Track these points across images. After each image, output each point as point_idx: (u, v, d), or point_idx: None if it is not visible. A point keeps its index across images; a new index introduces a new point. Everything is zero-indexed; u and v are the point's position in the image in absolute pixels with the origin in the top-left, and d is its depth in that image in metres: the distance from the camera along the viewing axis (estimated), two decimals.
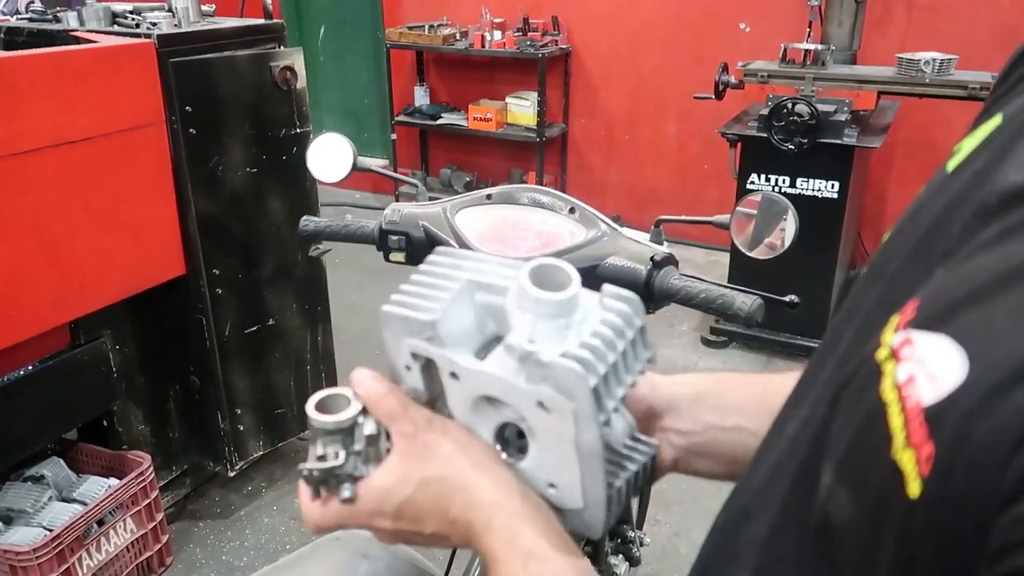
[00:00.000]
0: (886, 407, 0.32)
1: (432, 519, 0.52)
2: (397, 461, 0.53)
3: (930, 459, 0.29)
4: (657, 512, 2.39)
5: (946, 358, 0.30)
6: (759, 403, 0.63)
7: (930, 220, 0.40)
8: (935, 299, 0.34)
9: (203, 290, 2.18)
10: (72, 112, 1.78)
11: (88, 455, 2.21)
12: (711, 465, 0.63)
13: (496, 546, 0.49)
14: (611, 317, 0.49)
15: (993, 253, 0.33)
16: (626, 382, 0.50)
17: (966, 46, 3.37)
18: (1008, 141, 0.38)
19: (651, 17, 4.32)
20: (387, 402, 0.54)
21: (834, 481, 0.35)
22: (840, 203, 3.07)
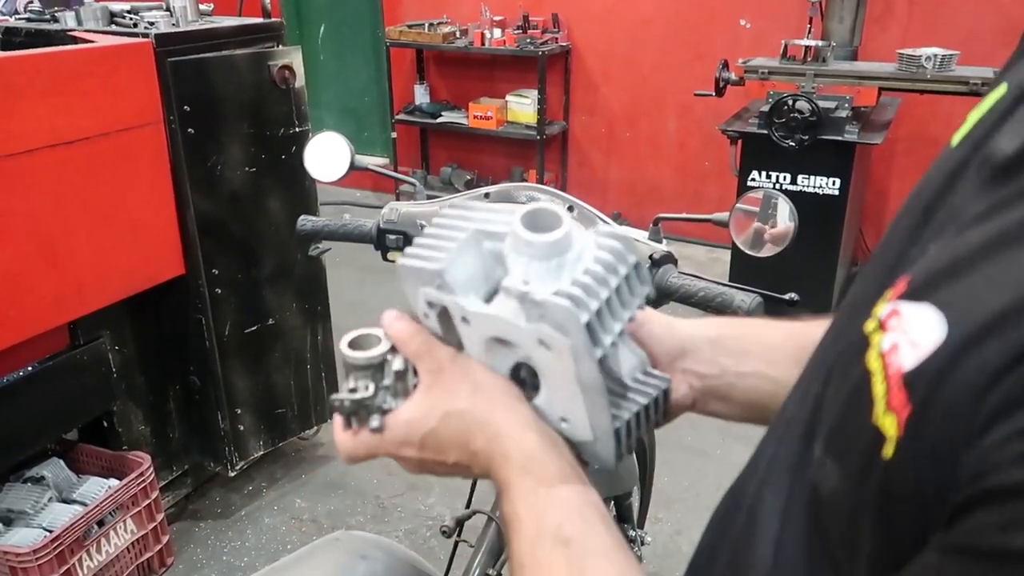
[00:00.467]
0: (871, 376, 0.33)
1: (455, 450, 0.55)
2: (423, 395, 0.56)
3: (908, 422, 0.30)
4: (658, 510, 2.39)
5: (927, 324, 0.31)
6: (779, 349, 0.63)
7: (929, 195, 0.40)
8: (925, 270, 0.34)
9: (202, 290, 2.17)
10: (70, 112, 1.78)
11: (88, 456, 2.21)
12: (728, 408, 0.64)
13: (511, 476, 0.52)
14: (602, 255, 0.50)
15: (982, 227, 0.33)
16: (623, 317, 0.51)
17: (967, 41, 3.35)
18: (1006, 109, 0.38)
19: (651, 14, 4.31)
20: (415, 341, 0.57)
21: (823, 452, 0.36)
22: (841, 200, 3.06)
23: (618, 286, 0.51)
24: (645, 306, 0.55)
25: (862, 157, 3.19)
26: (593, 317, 0.49)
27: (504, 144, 4.93)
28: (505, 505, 0.53)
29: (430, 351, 0.57)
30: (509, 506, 0.52)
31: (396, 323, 0.58)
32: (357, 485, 2.58)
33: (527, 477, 0.52)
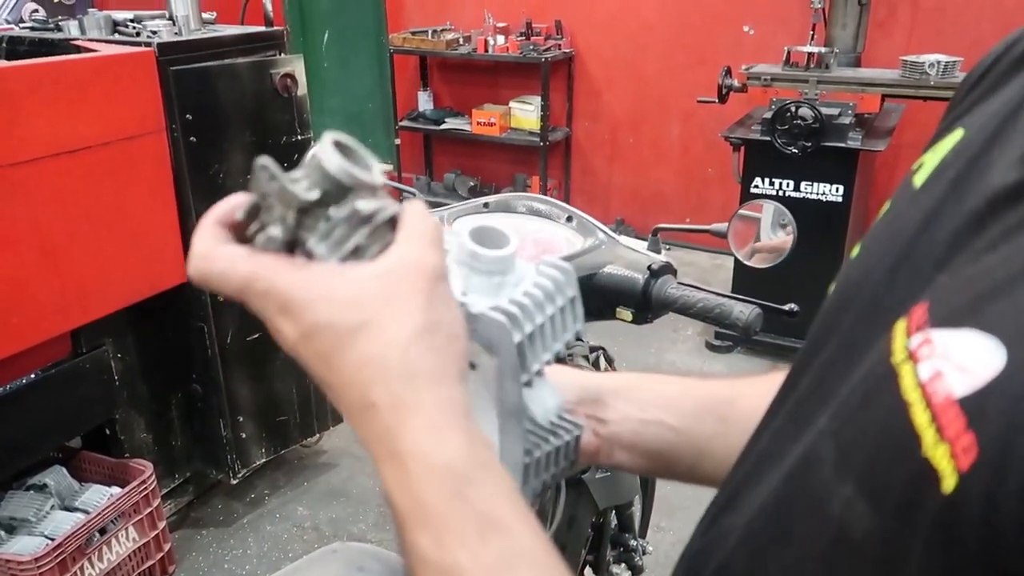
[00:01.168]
0: (908, 407, 0.32)
1: (344, 376, 0.41)
2: (373, 277, 0.41)
3: (969, 450, 0.29)
4: (660, 519, 2.38)
5: (976, 349, 0.30)
6: (678, 400, 0.64)
7: (909, 232, 0.40)
8: (948, 299, 0.34)
9: (204, 298, 2.18)
10: (73, 121, 1.78)
11: (91, 463, 2.21)
12: (631, 458, 0.63)
13: (434, 497, 0.39)
14: (543, 281, 0.50)
15: (1001, 250, 0.33)
16: (552, 348, 0.50)
17: (971, 48, 3.34)
18: (981, 150, 0.39)
19: (654, 20, 4.31)
20: (430, 224, 0.43)
21: (855, 492, 0.34)
22: (844, 207, 3.06)
23: (552, 316, 0.50)
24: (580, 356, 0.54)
25: (865, 164, 3.19)
26: (525, 339, 0.48)
27: (507, 150, 4.93)
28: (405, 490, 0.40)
29: (438, 253, 0.43)
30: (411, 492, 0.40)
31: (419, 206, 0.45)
32: (359, 493, 2.58)
33: (467, 509, 0.39)
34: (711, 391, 0.65)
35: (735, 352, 3.44)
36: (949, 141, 0.43)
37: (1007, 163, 0.37)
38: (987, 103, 0.44)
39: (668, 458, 0.63)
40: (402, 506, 0.40)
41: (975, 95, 0.46)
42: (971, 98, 0.46)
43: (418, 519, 0.39)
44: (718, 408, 0.62)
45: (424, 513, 0.39)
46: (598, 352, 1.31)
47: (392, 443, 0.40)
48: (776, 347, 3.30)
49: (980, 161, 0.39)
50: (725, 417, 0.58)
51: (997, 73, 0.45)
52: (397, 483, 0.40)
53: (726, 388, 0.65)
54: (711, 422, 0.62)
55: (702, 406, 0.63)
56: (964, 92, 0.48)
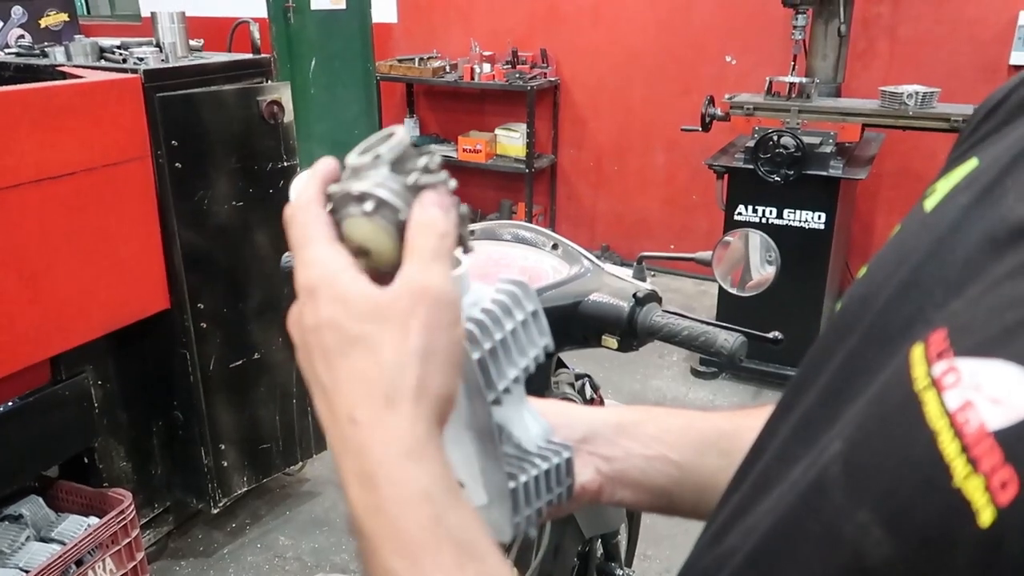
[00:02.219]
0: (935, 435, 0.31)
1: (337, 382, 0.42)
2: (385, 293, 0.42)
3: (1009, 484, 0.28)
4: (647, 548, 2.36)
5: (1011, 381, 0.30)
6: (681, 435, 0.63)
7: (919, 256, 0.40)
8: (971, 328, 0.34)
9: (187, 324, 2.16)
10: (57, 147, 1.78)
11: (68, 493, 2.17)
12: (635, 495, 0.62)
13: (411, 523, 0.39)
14: (500, 297, 0.50)
15: (1021, 280, 0.33)
16: (519, 364, 0.50)
17: (948, 79, 3.41)
18: (995, 180, 0.40)
19: (638, 49, 4.37)
20: (436, 237, 0.43)
21: (871, 519, 0.33)
22: (827, 234, 3.09)
23: (514, 330, 0.49)
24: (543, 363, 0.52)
25: (847, 192, 3.23)
26: (487, 356, 0.47)
27: (493, 177, 4.96)
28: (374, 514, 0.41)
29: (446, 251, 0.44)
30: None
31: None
32: (342, 522, 2.54)
33: (442, 535, 0.40)
34: (713, 424, 0.65)
35: (720, 378, 3.45)
36: (963, 169, 0.43)
37: (1020, 194, 0.37)
38: (1002, 136, 0.44)
39: (672, 494, 0.62)
40: (374, 529, 0.40)
41: (988, 127, 0.46)
42: (984, 130, 0.47)
43: (393, 543, 0.39)
44: (720, 442, 0.62)
45: (400, 538, 0.39)
46: (584, 380, 1.31)
47: (367, 464, 0.40)
48: (761, 374, 3.31)
49: (995, 190, 0.39)
50: (727, 451, 0.57)
51: (1010, 107, 0.46)
52: (369, 505, 0.40)
53: (727, 421, 0.64)
54: (714, 456, 0.61)
55: (704, 441, 0.63)
56: (975, 123, 0.48)
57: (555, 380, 1.22)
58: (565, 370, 1.26)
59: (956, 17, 3.59)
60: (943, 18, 3.63)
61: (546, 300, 1.10)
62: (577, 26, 4.50)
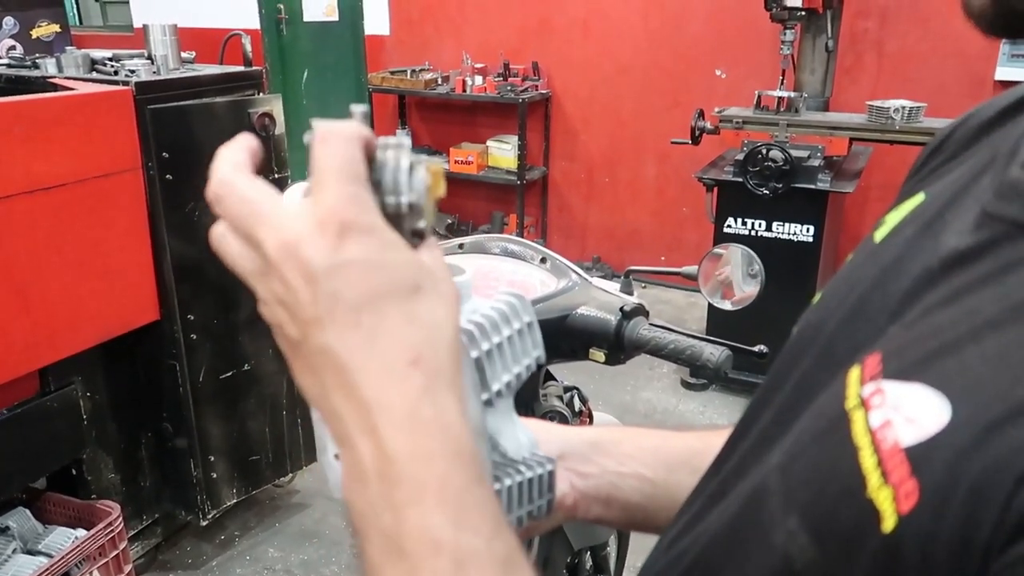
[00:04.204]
0: (857, 451, 0.34)
1: (388, 321, 0.37)
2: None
3: (911, 495, 0.31)
4: (636, 559, 2.36)
5: (924, 403, 0.33)
6: (655, 453, 0.65)
7: (866, 284, 0.43)
8: (900, 352, 0.36)
9: (177, 335, 2.16)
10: (48, 159, 1.78)
11: (56, 505, 2.16)
12: (610, 512, 0.64)
13: (463, 483, 0.37)
14: (499, 305, 0.51)
15: (951, 309, 0.36)
16: (512, 370, 0.51)
17: (935, 94, 3.45)
18: (937, 213, 0.43)
19: (629, 63, 4.40)
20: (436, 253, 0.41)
21: (798, 525, 0.36)
22: (815, 246, 3.11)
23: (510, 337, 0.51)
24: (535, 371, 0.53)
25: (835, 205, 3.26)
26: (483, 356, 0.49)
27: (485, 189, 4.97)
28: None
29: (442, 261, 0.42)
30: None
31: None
32: (332, 534, 2.54)
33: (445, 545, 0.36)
34: (685, 443, 0.66)
35: (710, 390, 3.46)
36: (910, 204, 0.46)
37: (962, 227, 0.39)
38: (947, 171, 0.47)
39: (646, 511, 0.64)
40: (419, 476, 0.36)
41: (935, 163, 0.50)
42: (931, 165, 0.50)
43: (441, 494, 0.36)
44: (692, 460, 0.63)
45: (448, 489, 0.36)
46: (572, 392, 1.32)
47: (427, 409, 0.37)
48: (751, 385, 3.32)
49: (936, 224, 0.42)
50: (698, 469, 0.59)
51: (955, 143, 0.49)
52: (421, 451, 0.37)
53: (698, 440, 0.66)
54: (685, 474, 0.63)
55: (677, 458, 0.65)
56: (923, 159, 0.52)
57: (544, 392, 1.23)
58: (554, 382, 1.27)
59: (942, 33, 3.63)
60: (929, 34, 3.68)
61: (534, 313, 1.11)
62: (568, 39, 4.53)
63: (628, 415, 3.22)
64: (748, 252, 1.03)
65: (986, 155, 0.44)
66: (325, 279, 0.37)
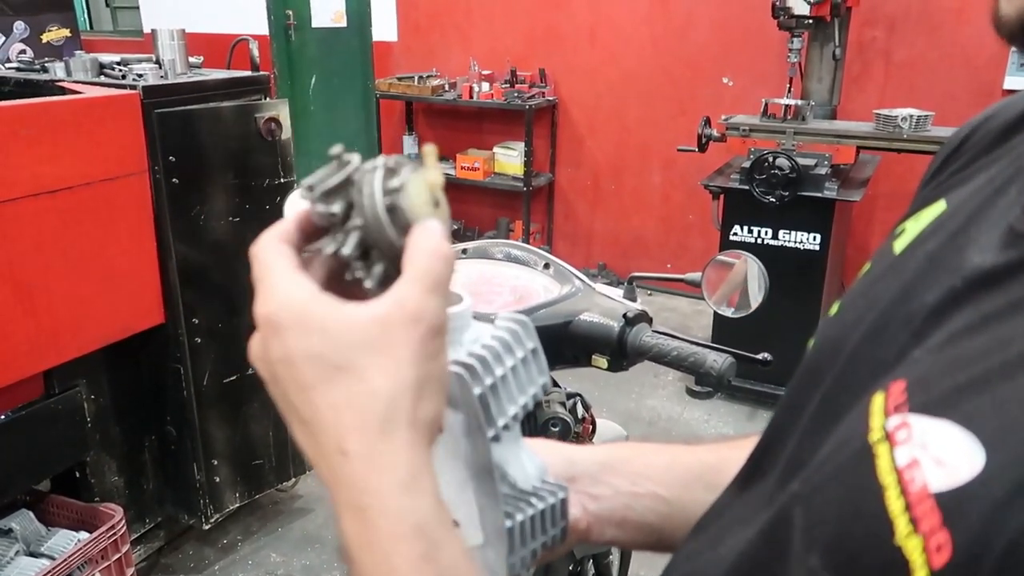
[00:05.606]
0: (883, 491, 0.32)
1: (320, 414, 0.39)
2: (371, 319, 0.39)
3: (943, 549, 0.29)
4: (640, 568, 2.35)
5: (955, 444, 0.30)
6: (668, 470, 0.62)
7: (887, 300, 0.41)
8: (926, 383, 0.34)
9: (182, 339, 2.16)
10: (54, 162, 1.78)
11: (59, 507, 2.16)
12: (624, 534, 0.62)
13: (403, 559, 0.38)
14: (500, 333, 0.49)
15: (979, 338, 0.34)
16: (519, 401, 0.49)
17: (943, 102, 3.44)
18: (960, 228, 0.40)
19: (635, 70, 4.40)
20: (439, 262, 0.40)
21: (820, 565, 0.34)
22: (822, 255, 3.10)
23: (515, 367, 0.49)
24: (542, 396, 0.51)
25: (842, 213, 3.24)
26: (487, 391, 0.47)
27: (491, 195, 4.98)
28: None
29: (443, 291, 0.41)
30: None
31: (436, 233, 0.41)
32: (334, 539, 2.52)
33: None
34: (697, 458, 0.65)
35: (715, 398, 3.44)
36: (931, 212, 0.44)
37: (986, 244, 0.37)
38: (969, 179, 0.45)
39: (661, 531, 0.62)
40: (367, 562, 0.39)
41: (955, 166, 0.47)
42: (950, 168, 0.47)
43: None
44: (705, 476, 0.62)
45: (391, 572, 0.38)
46: (575, 399, 1.31)
47: (360, 497, 0.39)
48: (756, 393, 3.31)
49: (959, 238, 0.39)
50: (713, 484, 0.57)
51: (976, 145, 0.47)
52: (362, 538, 0.39)
53: (711, 454, 0.64)
54: (700, 491, 0.61)
55: (690, 475, 0.63)
56: (940, 161, 0.49)
57: (546, 399, 1.22)
58: (556, 389, 1.26)
59: (951, 41, 3.62)
60: (938, 42, 3.67)
61: (537, 319, 1.11)
62: (575, 46, 4.54)
63: (633, 423, 3.21)
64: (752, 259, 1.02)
65: (1011, 164, 0.42)
66: (269, 381, 0.42)
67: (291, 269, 0.41)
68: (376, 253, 0.41)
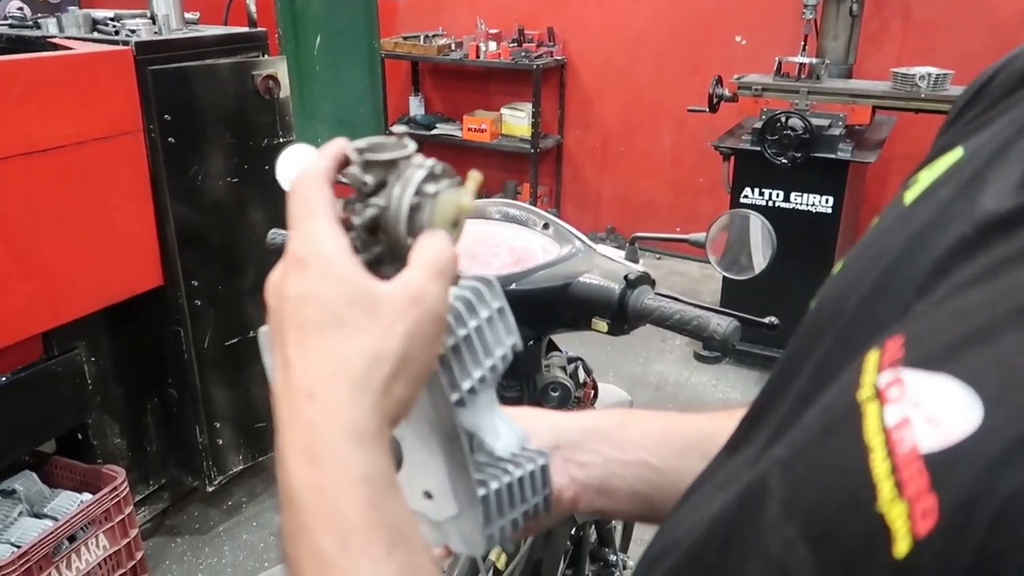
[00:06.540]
0: (868, 452, 0.28)
1: (307, 355, 0.41)
2: (381, 290, 0.42)
3: (928, 514, 0.26)
4: (644, 532, 2.34)
5: (951, 400, 0.27)
6: (660, 439, 0.60)
7: (893, 253, 0.38)
8: (926, 336, 0.31)
9: (181, 301, 2.14)
10: (45, 120, 1.75)
11: (62, 469, 2.16)
12: (613, 503, 0.60)
13: (349, 503, 0.39)
14: (462, 293, 0.48)
15: (988, 287, 0.30)
16: (484, 364, 0.48)
17: (962, 61, 3.34)
18: (976, 172, 0.36)
19: (646, 29, 4.30)
20: (444, 256, 0.43)
21: (798, 533, 0.31)
22: (834, 218, 3.04)
23: (479, 328, 0.48)
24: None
25: (856, 175, 3.17)
26: (449, 354, 0.46)
27: (498, 157, 4.91)
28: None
29: (446, 283, 0.44)
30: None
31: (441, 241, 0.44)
32: None
33: (379, 522, 0.40)
34: (693, 427, 0.62)
35: (723, 363, 3.41)
36: (946, 160, 0.40)
37: (1004, 188, 0.34)
38: (989, 123, 0.41)
39: (653, 501, 0.59)
40: (309, 503, 0.40)
41: (973, 112, 0.43)
42: (969, 115, 0.44)
43: (326, 521, 0.39)
44: (701, 444, 0.59)
45: (334, 516, 0.39)
46: (576, 363, 1.28)
47: (314, 440, 0.40)
48: (764, 358, 3.27)
49: (974, 183, 0.36)
50: (708, 454, 0.54)
51: (996, 90, 0.43)
52: (309, 481, 0.40)
53: (707, 423, 0.61)
54: (695, 460, 0.57)
55: (685, 443, 0.60)
56: (959, 108, 0.45)
57: (546, 363, 1.19)
58: (557, 353, 1.23)
59: None
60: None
61: (535, 281, 1.07)
62: (584, 4, 4.43)
63: (639, 387, 3.19)
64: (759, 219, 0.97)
65: None
66: (275, 310, 0.44)
67: (332, 219, 0.43)
68: (383, 237, 0.44)
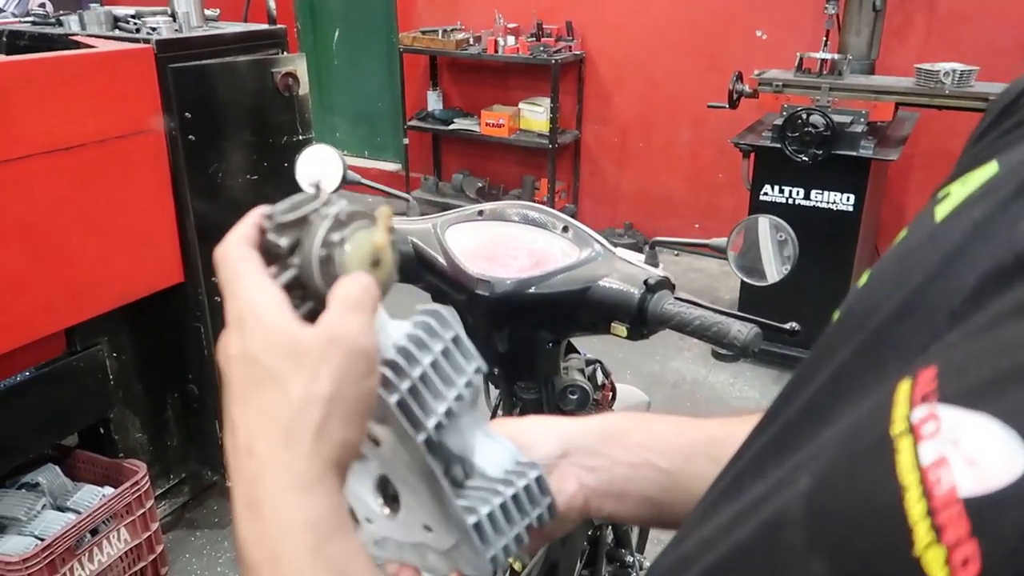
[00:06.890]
0: (903, 491, 0.27)
1: (246, 413, 0.43)
2: (305, 335, 0.43)
3: (970, 564, 0.25)
4: (661, 533, 2.33)
5: (992, 442, 0.26)
6: (668, 441, 0.60)
7: (923, 273, 0.36)
8: (962, 370, 0.30)
9: (201, 298, 2.15)
10: (67, 118, 1.76)
11: (85, 463, 2.19)
12: (623, 506, 0.59)
13: (290, 551, 0.40)
14: (414, 332, 0.49)
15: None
16: (448, 396, 0.48)
17: (987, 56, 3.29)
18: (1014, 192, 0.35)
19: (665, 23, 4.26)
20: (364, 293, 0.44)
21: (824, 570, 0.30)
22: (856, 216, 3.00)
23: (434, 362, 0.48)
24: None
25: (878, 173, 3.13)
26: (407, 397, 0.46)
27: (516, 152, 4.90)
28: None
29: (369, 314, 0.44)
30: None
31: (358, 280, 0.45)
32: None
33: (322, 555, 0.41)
34: (703, 430, 0.61)
35: (741, 362, 3.39)
36: (980, 175, 0.38)
37: None
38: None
39: (662, 504, 0.59)
40: (255, 555, 0.41)
41: (1009, 123, 0.42)
42: (1005, 126, 0.42)
43: (271, 570, 0.40)
44: (710, 448, 0.58)
45: (278, 565, 0.40)
46: (595, 365, 1.28)
47: (256, 493, 0.41)
48: (783, 357, 3.25)
49: (1012, 206, 0.34)
50: (718, 457, 0.53)
51: None
52: (253, 533, 0.41)
53: (719, 428, 0.61)
54: (703, 462, 0.58)
55: (694, 446, 0.60)
56: (993, 117, 0.44)
57: (565, 366, 1.19)
58: (576, 355, 1.23)
59: None
60: None
61: (554, 285, 1.07)
62: None
63: (657, 386, 3.18)
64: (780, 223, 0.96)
65: None
66: (224, 371, 0.45)
67: (259, 274, 0.45)
68: (309, 292, 0.45)
